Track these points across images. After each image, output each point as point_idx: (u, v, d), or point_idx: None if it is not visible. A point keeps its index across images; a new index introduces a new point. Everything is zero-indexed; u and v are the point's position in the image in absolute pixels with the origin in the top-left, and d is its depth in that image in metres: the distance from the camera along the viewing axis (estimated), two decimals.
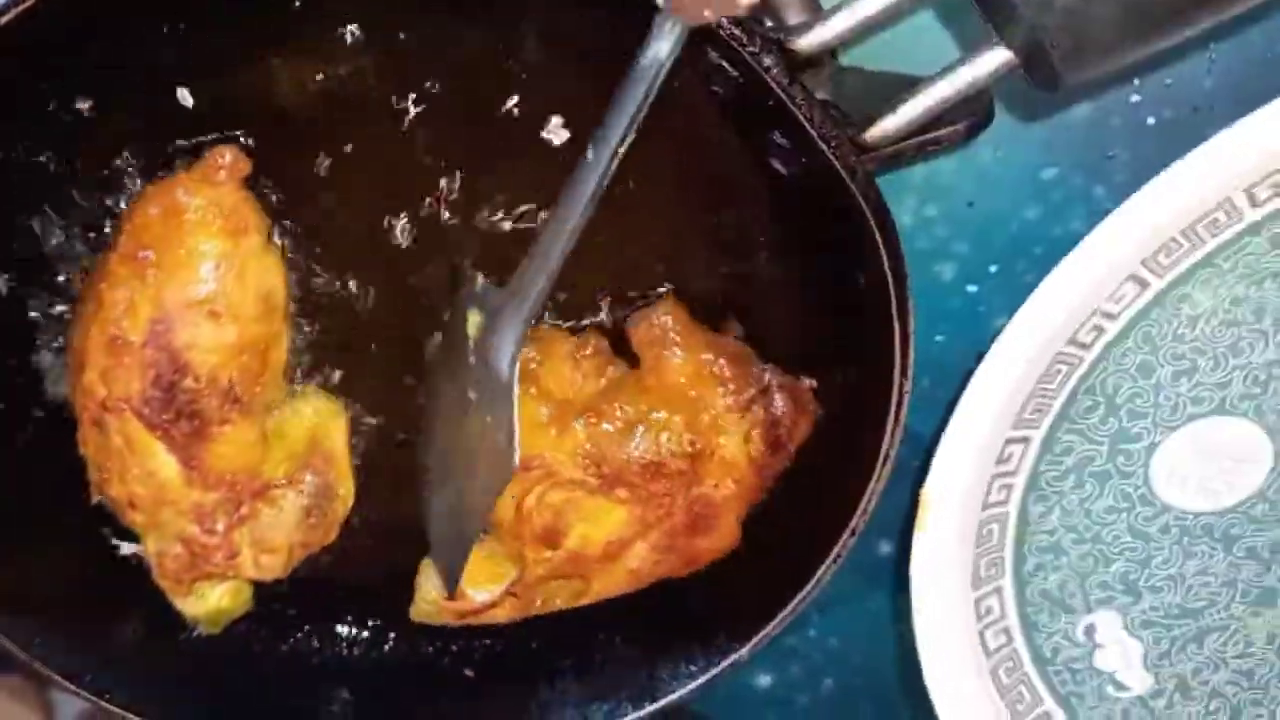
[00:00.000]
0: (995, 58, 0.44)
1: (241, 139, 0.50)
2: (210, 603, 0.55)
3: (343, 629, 0.61)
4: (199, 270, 0.49)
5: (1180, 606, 0.57)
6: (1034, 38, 0.41)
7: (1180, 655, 0.57)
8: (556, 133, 0.51)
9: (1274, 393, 0.53)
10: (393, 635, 0.60)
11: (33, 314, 0.53)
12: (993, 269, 0.61)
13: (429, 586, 0.57)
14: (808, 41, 0.45)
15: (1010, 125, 0.58)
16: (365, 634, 0.61)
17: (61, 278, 0.52)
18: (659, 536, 0.55)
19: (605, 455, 0.54)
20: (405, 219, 0.53)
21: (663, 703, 0.57)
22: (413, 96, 0.51)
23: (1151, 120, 0.58)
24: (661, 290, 0.55)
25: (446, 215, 0.53)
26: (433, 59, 0.50)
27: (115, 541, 0.56)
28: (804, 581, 0.53)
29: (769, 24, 0.46)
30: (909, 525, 0.54)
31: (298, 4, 0.48)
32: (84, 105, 0.49)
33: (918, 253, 0.61)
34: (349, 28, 0.49)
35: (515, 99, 0.51)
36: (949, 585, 0.54)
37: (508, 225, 0.53)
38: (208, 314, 0.49)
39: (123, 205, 0.51)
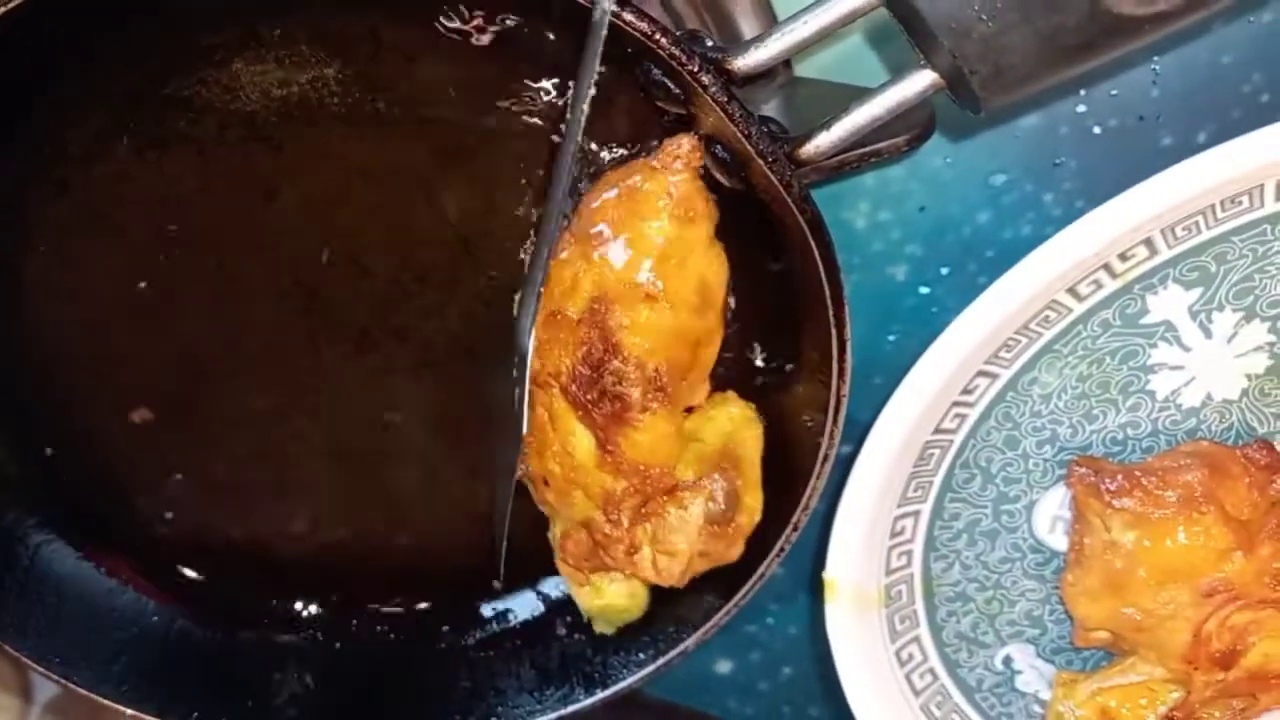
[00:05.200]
0: (922, 79, 0.45)
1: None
2: (606, 598, 0.56)
3: (305, 613, 0.62)
4: (643, 254, 0.49)
5: None
6: (955, 64, 0.43)
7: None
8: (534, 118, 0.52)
9: (1132, 450, 0.56)
10: (354, 621, 0.62)
11: None
12: (944, 271, 0.62)
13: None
14: (744, 62, 0.46)
15: (960, 133, 0.59)
16: (327, 619, 0.62)
17: None
18: None
19: None
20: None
21: (614, 689, 0.59)
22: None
23: (1098, 129, 0.58)
24: None
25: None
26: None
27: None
28: (747, 576, 0.55)
29: (710, 43, 0.47)
30: None
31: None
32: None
33: (871, 255, 0.62)
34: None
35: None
36: (867, 644, 0.56)
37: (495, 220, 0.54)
38: (645, 297, 0.49)
39: None
